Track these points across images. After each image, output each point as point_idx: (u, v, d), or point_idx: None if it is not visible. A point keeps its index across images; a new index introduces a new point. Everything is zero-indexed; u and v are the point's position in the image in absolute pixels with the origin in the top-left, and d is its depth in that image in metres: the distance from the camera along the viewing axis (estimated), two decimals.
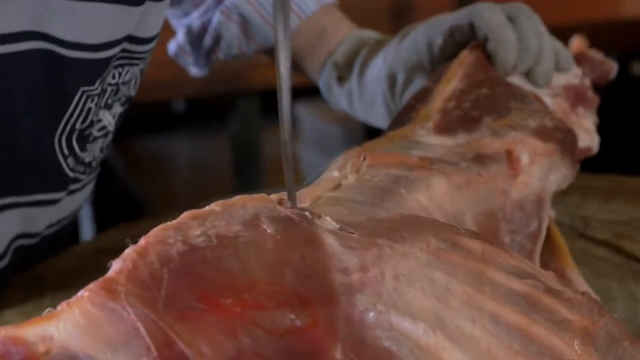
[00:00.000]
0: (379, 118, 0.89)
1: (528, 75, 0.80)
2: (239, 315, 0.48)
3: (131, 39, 0.76)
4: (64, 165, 0.79)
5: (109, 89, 0.78)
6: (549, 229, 0.72)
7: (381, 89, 0.87)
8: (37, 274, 0.82)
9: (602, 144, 0.84)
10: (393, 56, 0.86)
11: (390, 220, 0.58)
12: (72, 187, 0.83)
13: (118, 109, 0.81)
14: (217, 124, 1.95)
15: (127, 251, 0.48)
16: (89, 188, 0.88)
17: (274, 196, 0.56)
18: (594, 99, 0.85)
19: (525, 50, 0.78)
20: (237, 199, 0.54)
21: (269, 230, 0.52)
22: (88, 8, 0.71)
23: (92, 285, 0.46)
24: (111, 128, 0.82)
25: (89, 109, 0.76)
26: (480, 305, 0.54)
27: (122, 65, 0.78)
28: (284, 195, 0.56)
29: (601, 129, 0.85)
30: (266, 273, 0.50)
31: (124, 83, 0.79)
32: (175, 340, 0.46)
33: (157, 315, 0.46)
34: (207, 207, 0.52)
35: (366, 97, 0.89)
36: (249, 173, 1.51)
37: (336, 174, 0.65)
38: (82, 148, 0.79)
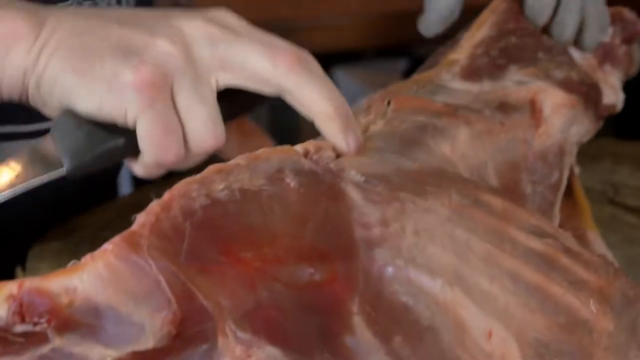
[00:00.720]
0: None
1: (576, 40, 0.78)
2: (259, 269, 0.49)
3: None
4: None
5: (86, 4, 0.76)
6: (571, 184, 0.73)
7: None
8: (74, 226, 0.82)
9: (636, 110, 0.83)
10: None
11: (416, 172, 0.58)
12: None
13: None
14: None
15: (151, 205, 0.49)
16: None
17: (299, 147, 0.57)
18: (623, 57, 0.85)
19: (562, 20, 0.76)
20: (262, 151, 0.55)
21: (292, 184, 0.53)
22: None
23: (116, 239, 0.48)
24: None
25: None
26: (499, 262, 0.54)
27: None
28: (309, 145, 0.57)
29: (635, 96, 0.84)
30: (288, 227, 0.51)
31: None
32: (196, 294, 0.47)
33: (179, 268, 0.48)
34: (231, 161, 0.53)
35: None
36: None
37: (362, 119, 0.65)
38: None
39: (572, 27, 0.76)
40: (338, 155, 0.58)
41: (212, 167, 0.52)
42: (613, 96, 0.81)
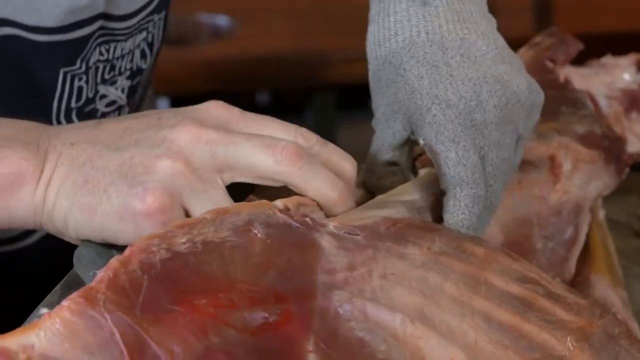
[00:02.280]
0: None
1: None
2: (211, 315, 0.50)
3: (105, 16, 0.76)
4: None
5: (101, 65, 0.78)
6: (589, 234, 0.72)
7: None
8: None
9: None
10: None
11: (404, 223, 0.59)
12: None
13: (124, 82, 0.81)
14: (298, 116, 1.95)
15: (112, 261, 0.51)
16: None
17: (279, 202, 0.58)
18: None
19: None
20: (233, 206, 0.56)
21: (259, 235, 0.54)
22: None
23: (74, 295, 0.50)
24: (123, 102, 0.82)
25: (80, 87, 0.77)
26: (472, 303, 0.55)
27: (106, 42, 0.77)
28: (291, 202, 0.58)
29: None
30: (247, 274, 0.52)
31: (117, 58, 0.79)
32: (149, 343, 0.49)
33: (134, 319, 0.49)
34: (198, 216, 0.55)
35: None
36: None
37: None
38: None
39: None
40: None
41: (175, 222, 0.54)
42: (638, 144, 0.80)
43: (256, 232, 0.54)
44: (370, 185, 0.66)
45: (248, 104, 2.30)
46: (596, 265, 0.69)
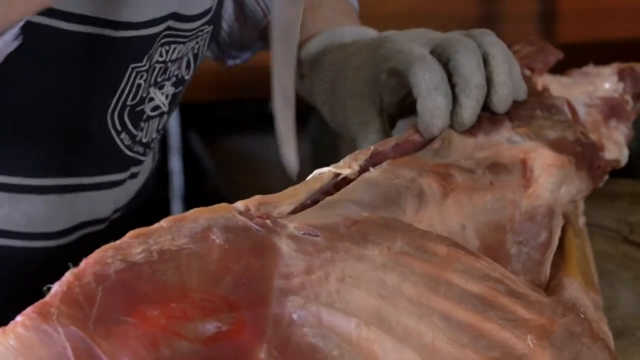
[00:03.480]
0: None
1: (487, 102, 0.74)
2: (163, 326, 0.50)
3: (175, 16, 0.78)
4: (118, 142, 0.81)
5: (157, 66, 0.80)
6: (563, 239, 0.72)
7: (327, 103, 0.85)
8: None
9: None
10: (337, 74, 0.83)
11: (365, 221, 0.59)
12: (134, 169, 0.86)
13: (169, 89, 0.83)
14: (304, 122, 1.95)
15: (66, 274, 0.52)
16: (148, 169, 0.91)
17: (240, 203, 0.58)
18: (631, 113, 0.84)
19: (466, 85, 0.72)
20: (191, 212, 0.56)
21: (217, 241, 0.54)
22: None
23: (28, 310, 0.50)
24: (165, 109, 0.84)
25: (139, 85, 0.79)
26: (431, 304, 0.54)
27: (168, 44, 0.80)
28: (252, 202, 0.58)
29: None
30: (203, 283, 0.52)
31: (171, 61, 0.81)
32: (101, 356, 0.49)
33: (87, 333, 0.49)
34: (155, 225, 0.55)
35: (316, 103, 0.87)
36: None
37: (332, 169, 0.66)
38: (136, 126, 0.82)
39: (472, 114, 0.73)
40: (295, 210, 0.59)
41: (131, 233, 0.54)
42: (616, 151, 0.81)
43: (214, 237, 0.54)
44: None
45: (259, 111, 2.31)
46: (569, 268, 0.68)
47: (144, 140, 0.85)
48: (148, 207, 0.89)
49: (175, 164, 2.07)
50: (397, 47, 0.77)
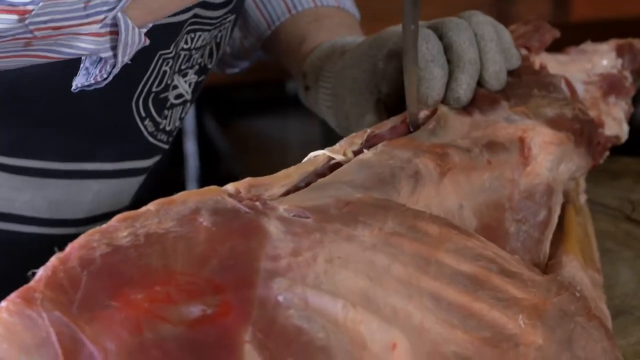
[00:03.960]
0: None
1: (481, 82, 0.74)
2: (147, 310, 0.50)
3: (203, 4, 0.78)
4: (142, 128, 0.81)
5: (182, 53, 0.80)
6: (564, 217, 0.71)
7: (332, 110, 0.85)
8: None
9: None
10: (337, 75, 0.82)
11: (355, 202, 0.58)
12: (157, 157, 0.86)
13: (192, 77, 0.83)
14: None
15: (51, 259, 0.51)
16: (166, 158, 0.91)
17: (230, 186, 0.58)
18: (630, 89, 0.82)
19: (459, 60, 0.72)
20: (179, 195, 0.55)
21: (205, 223, 0.54)
22: None
23: (12, 295, 0.50)
24: (188, 97, 0.84)
25: (164, 72, 0.79)
26: (420, 284, 0.54)
27: (194, 31, 0.80)
28: (242, 184, 0.58)
29: None
30: (188, 265, 0.52)
31: (196, 49, 0.81)
32: (85, 341, 0.49)
33: (70, 317, 0.49)
34: (142, 208, 0.55)
35: (322, 112, 0.87)
36: None
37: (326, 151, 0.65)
38: (160, 113, 0.82)
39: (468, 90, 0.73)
40: (287, 192, 0.59)
41: (118, 216, 0.53)
42: (616, 127, 0.80)
43: (202, 220, 0.54)
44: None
45: (278, 92, 2.30)
46: (568, 246, 0.67)
47: (167, 128, 0.85)
48: (163, 191, 0.88)
49: (191, 147, 2.07)
50: (391, 32, 0.77)
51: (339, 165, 0.64)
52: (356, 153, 0.65)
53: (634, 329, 0.69)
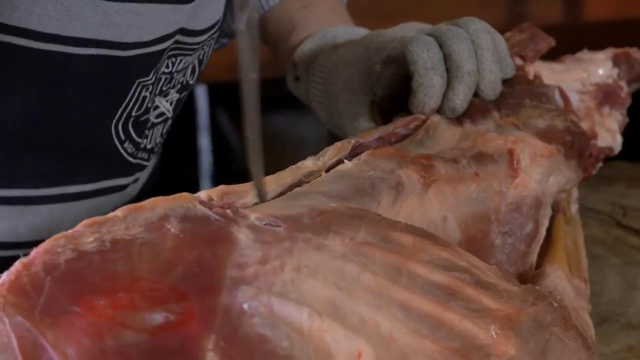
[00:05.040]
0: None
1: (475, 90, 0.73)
2: (109, 316, 0.49)
3: (183, 31, 0.78)
4: (122, 151, 0.81)
5: (163, 77, 0.80)
6: (552, 226, 0.71)
7: (323, 106, 0.84)
8: None
9: None
10: (329, 72, 0.81)
11: (330, 212, 0.57)
12: (138, 174, 0.86)
13: (174, 95, 0.83)
14: None
15: (15, 263, 0.51)
16: (152, 168, 0.91)
17: (203, 193, 0.57)
18: (625, 99, 0.81)
19: (458, 71, 0.72)
20: (148, 201, 0.55)
21: (172, 230, 0.53)
22: (143, 8, 0.73)
23: None
24: (169, 114, 0.84)
25: (144, 97, 0.79)
26: (391, 294, 0.53)
27: (175, 56, 0.80)
28: (215, 192, 0.57)
29: None
30: (153, 272, 0.51)
31: (177, 71, 0.81)
32: (46, 347, 0.48)
33: (32, 323, 0.48)
34: (110, 214, 0.54)
35: (312, 105, 0.86)
36: None
37: (309, 163, 0.64)
38: (140, 134, 0.82)
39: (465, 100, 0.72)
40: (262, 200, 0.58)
41: (84, 222, 0.53)
42: (610, 138, 0.80)
43: (170, 227, 0.53)
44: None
45: (288, 89, 2.29)
46: (554, 256, 0.67)
47: (148, 147, 0.84)
48: (177, 187, 0.88)
49: (204, 143, 2.07)
50: (390, 37, 0.76)
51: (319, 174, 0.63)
52: (338, 162, 0.64)
53: (618, 336, 0.68)
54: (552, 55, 0.84)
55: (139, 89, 0.78)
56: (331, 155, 0.65)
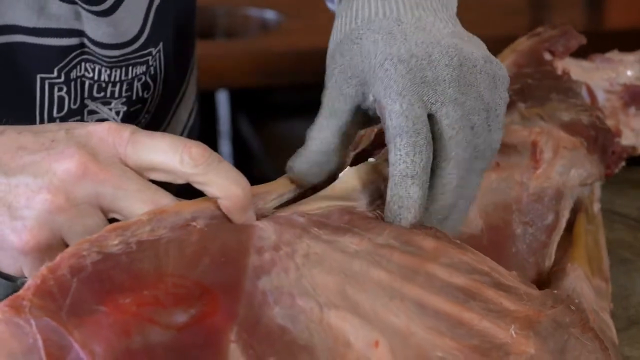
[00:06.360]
0: None
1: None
2: (135, 313, 0.50)
3: (91, 40, 0.76)
4: None
5: (86, 82, 0.78)
6: (574, 224, 0.71)
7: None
8: None
9: None
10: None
11: (360, 214, 0.58)
12: None
13: (120, 107, 0.81)
14: None
15: (41, 268, 0.52)
16: None
17: None
18: None
19: (434, 201, 0.61)
20: (172, 205, 0.55)
21: (198, 226, 0.54)
22: None
23: (0, 304, 0.50)
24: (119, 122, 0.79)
25: (61, 98, 0.77)
26: (403, 289, 0.54)
27: (90, 62, 0.77)
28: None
29: None
30: (179, 268, 0.52)
31: (105, 82, 0.79)
32: (73, 345, 0.49)
33: (60, 322, 0.49)
34: (134, 218, 0.55)
35: None
36: None
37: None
38: None
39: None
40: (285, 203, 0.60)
41: (107, 227, 0.53)
42: (634, 138, 0.80)
43: (195, 224, 0.54)
44: (295, 174, 0.63)
45: (312, 96, 2.30)
46: (574, 255, 0.67)
47: None
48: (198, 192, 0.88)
49: (225, 148, 2.08)
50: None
51: None
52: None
53: None
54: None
55: (47, 87, 0.76)
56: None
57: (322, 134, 0.63)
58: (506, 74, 0.63)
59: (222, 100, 2.03)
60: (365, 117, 0.64)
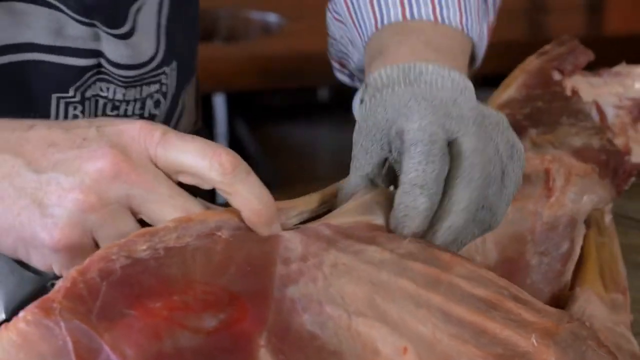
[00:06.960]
0: None
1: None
2: (166, 317, 0.51)
3: (108, 61, 0.77)
4: None
5: (101, 101, 0.78)
6: (584, 245, 0.71)
7: None
8: None
9: None
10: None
11: (381, 227, 0.59)
12: None
13: None
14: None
15: (70, 271, 0.52)
16: None
17: None
18: None
19: (440, 221, 0.60)
20: (198, 214, 0.56)
21: (223, 236, 0.55)
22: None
23: (31, 306, 0.51)
24: None
25: (75, 116, 0.77)
26: (429, 298, 0.55)
27: (105, 81, 0.78)
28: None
29: None
30: (207, 274, 0.53)
31: (120, 101, 0.79)
32: (104, 348, 0.50)
33: (90, 325, 0.50)
34: (160, 225, 0.55)
35: None
36: None
37: None
38: None
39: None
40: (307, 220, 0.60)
41: (135, 232, 0.54)
42: None
43: (220, 234, 0.55)
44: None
45: (310, 99, 2.31)
46: (584, 277, 0.68)
47: None
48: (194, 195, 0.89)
49: None
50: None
51: None
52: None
53: None
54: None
55: (62, 106, 0.76)
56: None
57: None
58: (522, 147, 0.63)
59: (219, 103, 2.03)
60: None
